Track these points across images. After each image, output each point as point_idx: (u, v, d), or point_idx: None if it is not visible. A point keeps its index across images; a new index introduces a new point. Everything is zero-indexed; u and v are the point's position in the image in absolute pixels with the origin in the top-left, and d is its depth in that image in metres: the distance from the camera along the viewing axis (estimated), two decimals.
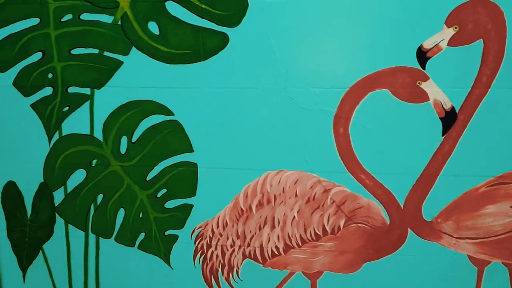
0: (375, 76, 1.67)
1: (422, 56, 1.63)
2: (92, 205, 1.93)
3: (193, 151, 1.83)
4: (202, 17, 1.74)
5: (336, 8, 1.65)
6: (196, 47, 1.76)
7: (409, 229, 1.75)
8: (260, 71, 1.74)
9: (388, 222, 1.75)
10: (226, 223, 1.84)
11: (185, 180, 1.85)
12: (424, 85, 1.65)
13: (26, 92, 1.89)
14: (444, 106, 1.65)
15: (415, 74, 1.65)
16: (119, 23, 1.78)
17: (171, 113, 1.82)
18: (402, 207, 1.74)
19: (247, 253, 1.84)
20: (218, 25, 1.73)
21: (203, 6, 1.73)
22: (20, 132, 1.92)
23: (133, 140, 1.86)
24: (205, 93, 1.78)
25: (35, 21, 1.83)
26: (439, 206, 1.73)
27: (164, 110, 1.82)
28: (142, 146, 1.86)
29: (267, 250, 1.82)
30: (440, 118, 1.67)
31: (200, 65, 1.77)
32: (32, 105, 1.89)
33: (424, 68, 1.64)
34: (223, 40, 1.74)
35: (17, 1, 1.82)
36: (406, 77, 1.65)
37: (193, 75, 1.78)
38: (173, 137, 1.83)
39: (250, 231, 1.82)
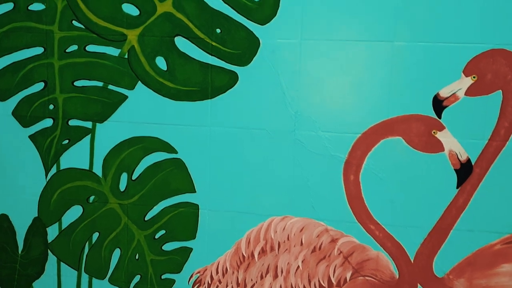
0: (388, 123, 1.61)
1: (438, 104, 1.58)
2: (87, 243, 1.85)
3: (195, 191, 1.76)
4: (212, 55, 1.69)
5: (351, 51, 1.60)
6: (204, 84, 1.70)
7: (418, 285, 1.66)
8: (269, 112, 1.68)
9: (397, 277, 1.66)
10: (226, 269, 1.75)
11: (185, 222, 1.77)
12: (439, 135, 1.58)
13: (26, 123, 1.82)
14: (459, 157, 1.58)
15: (430, 123, 1.58)
16: (126, 56, 1.73)
17: (175, 151, 1.75)
18: (412, 261, 1.65)
19: None
20: (228, 63, 1.68)
21: (214, 43, 1.68)
22: (16, 164, 1.84)
23: (134, 177, 1.78)
24: (211, 132, 1.72)
25: (39, 50, 1.78)
26: (451, 262, 1.65)
27: (167, 147, 1.75)
28: (143, 184, 1.78)
29: None
30: (455, 169, 1.60)
31: (207, 103, 1.71)
32: (30, 136, 1.82)
33: (440, 117, 1.58)
34: (232, 79, 1.69)
35: (21, 29, 1.77)
36: (421, 126, 1.59)
37: (200, 113, 1.72)
38: (175, 176, 1.76)
39: (251, 280, 1.73)
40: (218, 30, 1.67)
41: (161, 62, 1.72)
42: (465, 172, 1.59)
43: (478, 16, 1.52)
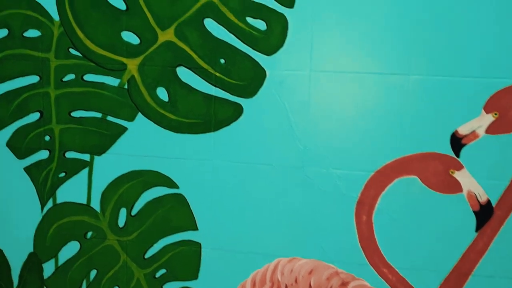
0: (404, 161, 1.51)
1: (457, 142, 1.48)
2: (84, 281, 1.76)
3: (197, 229, 1.67)
4: (216, 86, 1.59)
5: (364, 85, 1.51)
6: (207, 116, 1.61)
7: None
8: (276, 146, 1.59)
9: None
10: None
11: (187, 261, 1.68)
12: (457, 175, 1.48)
13: (21, 154, 1.74)
14: (479, 199, 1.48)
15: (448, 161, 1.49)
16: (126, 86, 1.65)
17: (176, 186, 1.66)
18: None
19: None
20: (232, 94, 1.59)
21: (217, 74, 1.58)
22: (11, 197, 1.76)
23: (133, 213, 1.69)
24: (214, 166, 1.63)
25: (34, 78, 1.69)
26: None
27: (168, 182, 1.66)
28: (142, 220, 1.69)
29: None
30: (474, 211, 1.50)
31: (210, 135, 1.62)
32: (25, 169, 1.74)
33: (458, 156, 1.48)
34: (237, 111, 1.60)
35: (16, 56, 1.69)
36: (438, 165, 1.49)
37: (202, 146, 1.63)
38: (177, 212, 1.67)
39: None
40: (222, 61, 1.58)
41: (162, 93, 1.63)
42: (485, 214, 1.49)
43: (500, 49, 1.42)
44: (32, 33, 1.67)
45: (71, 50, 1.66)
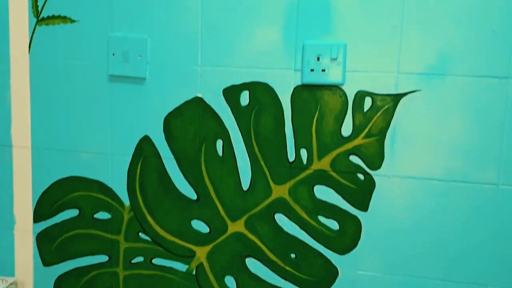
0: None
1: None
2: None
3: None
4: (285, 279, 1.58)
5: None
6: None
7: None
8: None
9: None
10: None
11: None
12: None
13: None
14: None
15: None
16: (194, 273, 1.65)
17: None
18: None
19: None
20: None
21: (287, 268, 1.57)
22: None
23: None
24: None
25: (103, 258, 1.71)
26: None
27: None
28: None
29: None
30: None
31: None
32: None
33: None
34: None
35: (86, 236, 1.71)
36: None
37: None
38: None
39: None
40: (293, 255, 1.57)
41: (230, 282, 1.63)
42: None
43: None
44: (102, 215, 1.70)
45: (140, 234, 1.67)
